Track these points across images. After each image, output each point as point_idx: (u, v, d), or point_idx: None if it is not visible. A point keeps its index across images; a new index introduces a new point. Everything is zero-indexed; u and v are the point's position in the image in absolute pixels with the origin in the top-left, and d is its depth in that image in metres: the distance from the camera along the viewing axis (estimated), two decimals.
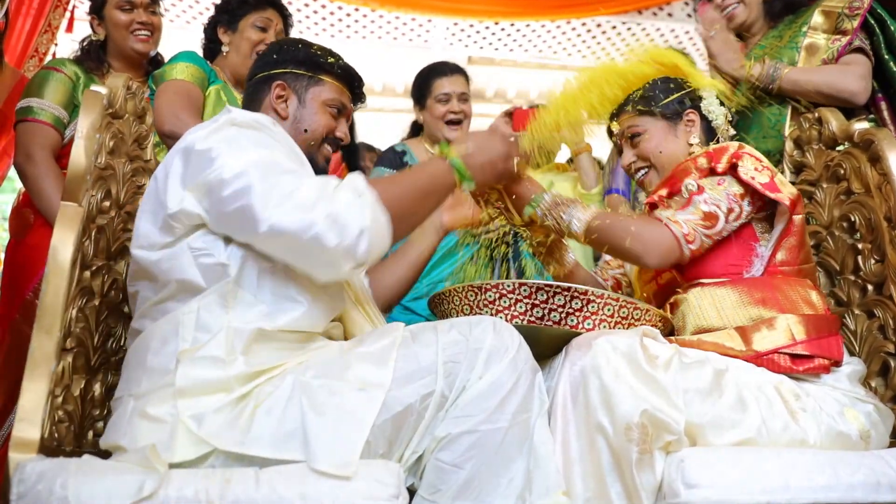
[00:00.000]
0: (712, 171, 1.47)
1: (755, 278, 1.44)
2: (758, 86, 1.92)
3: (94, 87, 1.35)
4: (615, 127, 1.63)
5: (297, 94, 1.42)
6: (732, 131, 1.63)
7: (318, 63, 1.44)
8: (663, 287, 1.55)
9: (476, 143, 1.34)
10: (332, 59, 1.46)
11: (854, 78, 1.88)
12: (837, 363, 1.35)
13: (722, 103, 1.62)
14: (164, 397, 1.11)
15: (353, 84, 1.49)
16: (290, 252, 1.15)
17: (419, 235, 1.61)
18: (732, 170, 1.45)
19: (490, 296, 1.30)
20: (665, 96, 1.58)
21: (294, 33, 2.48)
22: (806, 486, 1.16)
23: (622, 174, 2.50)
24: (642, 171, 1.60)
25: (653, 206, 1.55)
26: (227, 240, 1.19)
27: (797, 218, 1.44)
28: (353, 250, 1.12)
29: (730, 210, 1.43)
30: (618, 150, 1.69)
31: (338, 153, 1.61)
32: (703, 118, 1.59)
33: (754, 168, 1.44)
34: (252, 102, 1.45)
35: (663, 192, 1.52)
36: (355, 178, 1.19)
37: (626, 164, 1.62)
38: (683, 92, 1.59)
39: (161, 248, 1.20)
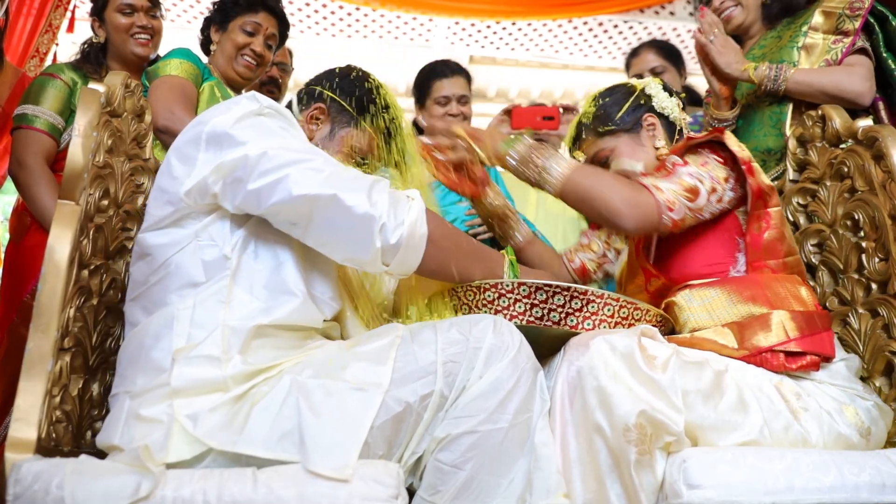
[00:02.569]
0: (688, 150, 1.48)
1: (742, 277, 1.43)
2: (762, 88, 1.91)
3: (91, 85, 1.33)
4: (580, 156, 1.60)
5: (332, 124, 1.40)
6: (689, 118, 1.61)
7: (370, 111, 1.41)
8: (653, 294, 1.53)
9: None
10: (389, 117, 1.42)
11: (859, 79, 1.87)
12: (829, 359, 1.34)
13: (670, 93, 1.61)
14: (160, 397, 1.10)
15: (390, 145, 1.44)
16: (326, 219, 1.15)
17: None
18: (714, 147, 1.44)
19: (489, 295, 1.28)
20: (618, 109, 1.56)
21: (295, 33, 2.47)
22: (810, 487, 1.15)
23: None
24: None
25: None
26: (233, 230, 1.18)
27: (773, 210, 1.43)
28: (388, 235, 1.14)
29: (712, 189, 1.43)
30: None
31: None
32: (661, 116, 1.58)
33: (738, 145, 1.44)
34: (297, 103, 1.44)
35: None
36: (413, 190, 1.21)
37: None
38: (633, 98, 1.57)
39: (166, 227, 1.19)
